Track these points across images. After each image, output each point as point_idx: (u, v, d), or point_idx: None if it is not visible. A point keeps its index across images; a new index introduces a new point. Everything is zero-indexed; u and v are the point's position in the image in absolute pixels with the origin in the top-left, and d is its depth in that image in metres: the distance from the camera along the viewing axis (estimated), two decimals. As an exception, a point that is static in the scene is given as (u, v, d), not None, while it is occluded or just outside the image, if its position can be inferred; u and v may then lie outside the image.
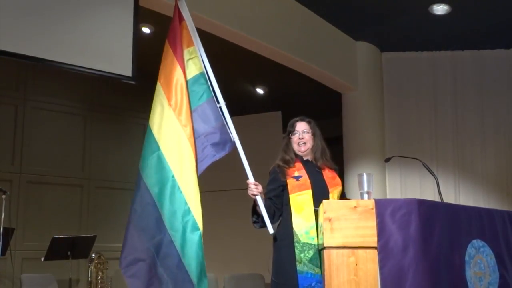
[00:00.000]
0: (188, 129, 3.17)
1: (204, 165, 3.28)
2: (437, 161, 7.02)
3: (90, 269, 7.27)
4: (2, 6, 3.57)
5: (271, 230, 3.24)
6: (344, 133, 7.20)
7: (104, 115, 8.37)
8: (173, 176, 3.09)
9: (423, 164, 4.40)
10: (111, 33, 4.14)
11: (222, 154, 3.32)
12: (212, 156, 3.30)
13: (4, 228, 5.66)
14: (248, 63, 7.02)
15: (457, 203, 6.60)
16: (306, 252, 3.13)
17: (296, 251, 3.14)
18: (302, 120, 3.50)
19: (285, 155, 3.42)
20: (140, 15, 4.38)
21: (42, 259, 6.35)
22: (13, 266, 6.35)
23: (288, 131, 3.50)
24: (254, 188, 3.23)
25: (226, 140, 3.33)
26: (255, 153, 3.94)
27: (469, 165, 7.10)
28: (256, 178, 3.29)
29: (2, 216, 5.70)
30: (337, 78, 6.74)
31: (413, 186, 7.00)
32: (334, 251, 2.55)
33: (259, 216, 3.29)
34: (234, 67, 7.33)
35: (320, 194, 3.24)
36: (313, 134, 3.47)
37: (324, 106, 7.70)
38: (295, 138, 3.45)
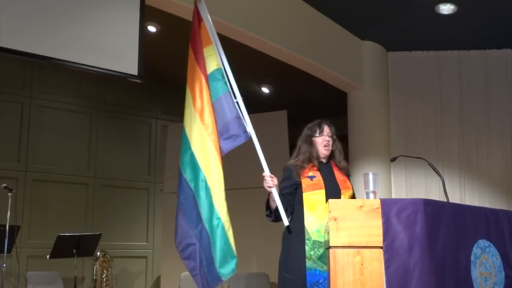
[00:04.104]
0: (210, 128, 3.38)
1: None
2: (443, 161, 6.99)
3: (95, 267, 7.30)
4: (9, 5, 3.58)
5: (286, 222, 3.29)
6: (350, 132, 7.18)
7: (110, 113, 8.39)
8: (202, 172, 3.37)
9: (428, 164, 4.39)
10: (118, 32, 4.15)
11: (231, 147, 3.45)
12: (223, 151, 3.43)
13: (9, 226, 5.69)
14: (253, 62, 7.01)
15: (463, 203, 6.58)
16: (316, 249, 3.19)
17: (307, 248, 3.20)
18: (326, 123, 3.56)
19: (310, 154, 3.45)
20: (146, 14, 4.39)
21: (48, 257, 6.38)
22: (19, 264, 6.38)
23: (312, 131, 3.53)
24: (270, 180, 3.28)
25: (238, 133, 3.45)
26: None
27: (475, 164, 7.07)
28: (260, 176, 3.30)
29: (8, 214, 5.73)
30: (342, 77, 6.72)
31: (419, 185, 6.98)
32: (339, 250, 2.55)
33: (272, 211, 3.36)
34: (239, 66, 7.28)
35: (332, 194, 3.30)
36: (334, 140, 3.55)
37: (329, 105, 7.67)
38: (321, 140, 3.50)
